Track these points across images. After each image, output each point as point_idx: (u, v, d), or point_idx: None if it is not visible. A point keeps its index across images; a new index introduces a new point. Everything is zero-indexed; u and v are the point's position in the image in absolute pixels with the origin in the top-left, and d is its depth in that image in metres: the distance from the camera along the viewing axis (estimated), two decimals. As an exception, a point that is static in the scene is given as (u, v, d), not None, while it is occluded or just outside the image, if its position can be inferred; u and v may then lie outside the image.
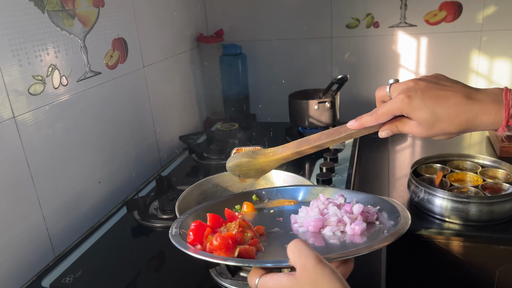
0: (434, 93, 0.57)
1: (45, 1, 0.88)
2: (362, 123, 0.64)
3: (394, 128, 0.62)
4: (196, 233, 0.61)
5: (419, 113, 0.58)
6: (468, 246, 0.95)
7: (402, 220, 0.63)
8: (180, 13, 1.47)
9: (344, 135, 0.66)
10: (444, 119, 0.57)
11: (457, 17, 1.41)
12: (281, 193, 0.79)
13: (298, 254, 0.48)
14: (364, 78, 1.57)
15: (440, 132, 0.59)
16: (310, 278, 0.47)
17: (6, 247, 0.81)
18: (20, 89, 0.83)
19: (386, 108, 0.60)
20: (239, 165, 0.75)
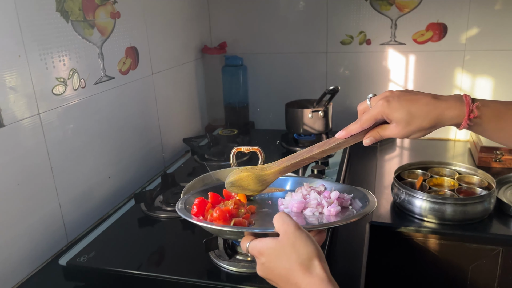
0: (408, 97, 0.68)
1: (69, 12, 0.99)
2: (349, 132, 0.73)
3: (376, 134, 0.72)
4: (199, 207, 0.75)
5: (396, 114, 0.67)
6: (444, 244, 1.04)
7: (370, 204, 0.76)
8: (187, 26, 1.58)
9: (334, 145, 0.74)
10: (418, 116, 0.67)
11: (442, 37, 1.53)
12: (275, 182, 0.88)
13: (282, 222, 0.61)
14: (357, 91, 1.68)
15: (415, 129, 0.68)
16: (290, 240, 0.59)
17: (27, 231, 0.90)
18: (45, 89, 0.93)
19: (369, 114, 0.70)
20: (239, 180, 0.80)
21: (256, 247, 0.63)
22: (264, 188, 0.82)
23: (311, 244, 0.59)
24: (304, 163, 0.78)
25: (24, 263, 0.89)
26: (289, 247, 0.59)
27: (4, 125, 0.83)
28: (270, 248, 0.61)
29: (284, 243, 0.60)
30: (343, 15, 1.60)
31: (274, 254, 0.60)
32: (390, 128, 0.70)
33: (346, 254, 0.94)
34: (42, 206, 0.94)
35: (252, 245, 0.64)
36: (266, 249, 0.61)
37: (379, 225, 1.06)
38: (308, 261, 0.58)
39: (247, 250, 0.65)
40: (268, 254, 0.61)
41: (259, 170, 0.80)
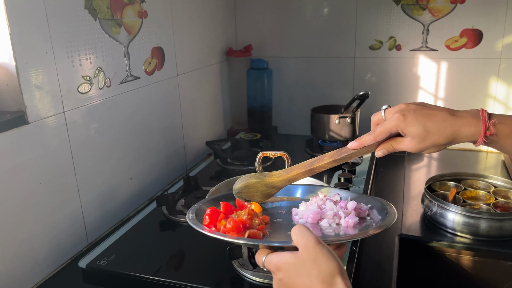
0: (424, 111, 0.66)
1: (97, 10, 0.98)
2: (361, 143, 0.70)
3: (389, 147, 0.69)
4: (211, 217, 0.71)
5: (412, 128, 0.65)
6: (477, 261, 0.99)
7: (390, 216, 0.72)
8: (213, 28, 1.57)
9: (345, 155, 0.72)
10: (434, 132, 0.65)
11: (477, 44, 1.47)
12: (284, 190, 0.85)
13: (301, 236, 0.57)
14: (384, 98, 1.63)
15: (431, 145, 0.66)
16: (310, 255, 0.56)
17: (48, 230, 0.88)
18: (71, 87, 0.92)
19: (383, 127, 0.68)
20: (247, 186, 0.77)
21: (273, 262, 0.59)
22: (272, 195, 0.79)
23: (333, 259, 0.55)
24: (315, 172, 0.75)
25: (45, 263, 0.88)
26: (309, 263, 0.55)
27: (29, 123, 0.82)
28: (288, 263, 0.57)
29: (304, 258, 0.56)
30: (373, 20, 1.56)
31: (293, 270, 0.56)
32: (404, 142, 0.68)
33: (374, 267, 0.89)
34: (63, 206, 0.92)
35: (269, 260, 0.60)
36: (284, 264, 0.58)
37: (409, 238, 1.01)
38: (330, 278, 0.54)
39: (263, 264, 0.61)
40: (287, 269, 0.57)
41: (267, 177, 0.77)
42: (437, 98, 1.57)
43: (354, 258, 0.84)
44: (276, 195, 0.83)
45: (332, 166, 0.74)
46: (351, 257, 0.84)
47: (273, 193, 0.79)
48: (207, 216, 0.72)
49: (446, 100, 1.56)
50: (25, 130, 0.81)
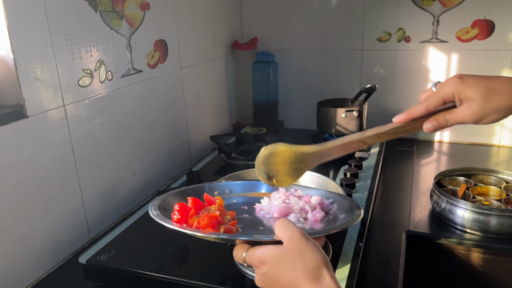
0: (484, 76, 0.59)
1: (98, 2, 0.96)
2: (410, 114, 0.62)
3: (441, 119, 0.61)
4: (182, 213, 0.68)
5: (472, 90, 0.57)
6: (488, 258, 0.96)
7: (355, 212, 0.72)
8: (218, 20, 1.54)
9: (389, 129, 0.64)
10: (499, 91, 0.57)
11: (489, 35, 1.42)
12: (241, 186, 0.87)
13: (286, 229, 0.56)
14: (393, 91, 1.60)
15: (494, 107, 0.58)
16: (296, 248, 0.54)
17: (48, 225, 0.87)
18: (71, 80, 0.90)
19: (437, 94, 0.60)
20: (273, 154, 0.68)
21: (255, 256, 0.57)
22: (301, 174, 0.70)
23: (319, 252, 0.54)
24: (353, 148, 0.67)
25: (45, 259, 0.87)
26: (295, 255, 0.54)
27: (28, 116, 0.81)
28: (272, 256, 0.55)
29: (290, 250, 0.54)
30: (381, 11, 1.52)
31: (278, 263, 0.55)
32: (461, 110, 0.59)
33: (381, 264, 0.87)
34: (64, 201, 0.91)
35: (251, 254, 0.58)
36: (268, 257, 0.56)
37: (416, 235, 0.99)
38: (317, 269, 0.53)
39: (243, 260, 0.59)
40: (271, 262, 0.56)
41: (298, 148, 0.68)
42: (447, 91, 1.53)
43: (359, 255, 0.82)
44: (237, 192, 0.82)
45: (374, 143, 0.67)
46: (356, 253, 0.82)
47: (303, 171, 0.70)
48: (177, 212, 0.69)
49: (456, 93, 1.52)
50: (24, 124, 0.80)
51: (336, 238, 0.87)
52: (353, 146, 0.67)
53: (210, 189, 0.86)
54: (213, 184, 0.88)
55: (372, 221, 1.03)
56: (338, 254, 0.82)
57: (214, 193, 0.86)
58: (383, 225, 1.02)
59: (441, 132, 1.58)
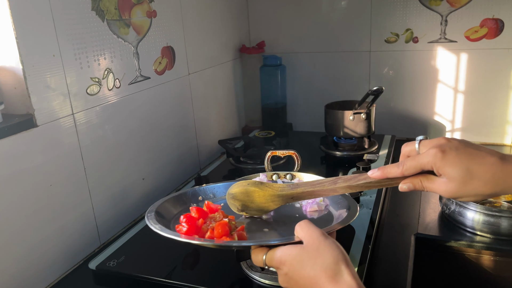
0: (469, 151, 0.56)
1: (105, 11, 0.98)
2: (385, 173, 0.60)
3: (418, 184, 0.59)
4: (190, 224, 0.68)
5: (452, 169, 0.55)
6: (498, 261, 0.94)
7: (351, 202, 0.75)
8: (225, 25, 1.55)
9: (363, 183, 0.62)
10: (479, 177, 0.54)
11: (498, 34, 1.41)
12: (223, 188, 0.87)
13: (306, 229, 0.58)
14: (402, 93, 1.59)
15: (472, 192, 0.55)
16: (314, 245, 0.56)
17: (60, 232, 0.89)
18: (79, 89, 0.92)
19: (416, 161, 0.57)
20: (244, 193, 0.72)
21: (275, 257, 0.58)
22: (268, 212, 0.74)
23: (336, 248, 0.55)
24: (323, 195, 0.68)
25: (57, 264, 0.89)
26: (313, 252, 0.55)
27: (38, 125, 0.82)
28: (292, 255, 0.57)
29: (309, 248, 0.56)
30: (388, 12, 1.51)
31: (297, 261, 0.56)
32: (438, 183, 0.57)
33: (389, 267, 0.87)
34: (74, 207, 0.93)
35: (271, 256, 0.59)
36: (288, 256, 0.57)
37: (425, 238, 0.98)
38: (335, 265, 0.53)
39: (264, 263, 0.60)
40: (291, 262, 0.57)
41: (268, 188, 0.70)
42: (457, 91, 1.52)
43: (366, 258, 0.82)
44: (220, 195, 0.84)
45: (345, 193, 0.67)
46: (364, 256, 0.82)
47: (271, 209, 0.72)
48: (185, 224, 0.70)
49: (467, 93, 1.51)
50: (34, 133, 0.82)
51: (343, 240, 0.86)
52: (324, 193, 0.67)
53: (193, 195, 0.87)
54: (195, 189, 0.89)
55: (381, 223, 1.02)
56: (345, 258, 0.82)
57: (199, 198, 0.87)
58: (392, 228, 1.01)
59: (452, 132, 1.57)
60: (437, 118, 1.57)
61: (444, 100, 1.54)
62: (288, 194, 0.69)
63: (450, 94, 1.53)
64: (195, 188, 0.90)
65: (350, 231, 0.91)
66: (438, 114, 1.57)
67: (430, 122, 1.58)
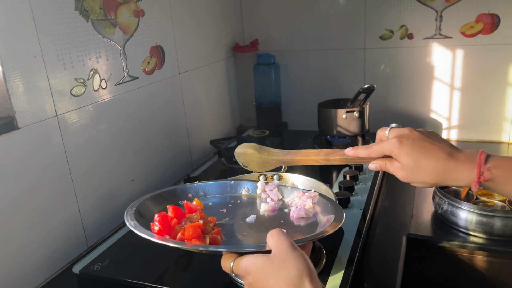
0: (423, 144, 0.64)
1: (89, 11, 0.96)
2: (356, 153, 0.70)
3: (383, 165, 0.68)
4: (163, 224, 0.66)
5: (404, 158, 0.64)
6: (492, 261, 0.92)
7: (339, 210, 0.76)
8: (217, 23, 1.53)
9: (339, 158, 0.72)
10: (424, 168, 0.63)
11: (494, 29, 1.38)
12: (215, 187, 0.90)
13: (277, 238, 0.57)
14: (397, 90, 1.56)
15: (418, 180, 0.64)
16: (281, 256, 0.54)
17: (45, 235, 0.88)
18: (63, 90, 0.91)
19: (379, 147, 0.67)
20: (244, 154, 0.83)
21: (242, 266, 0.57)
22: (267, 170, 0.83)
23: (303, 261, 0.54)
24: (307, 163, 0.77)
25: (41, 268, 0.87)
26: (279, 263, 0.54)
27: (19, 128, 0.81)
28: (257, 265, 0.55)
29: (275, 259, 0.55)
30: (383, 8, 1.49)
31: (262, 272, 0.55)
32: (396, 167, 0.66)
33: (380, 268, 0.85)
34: (60, 210, 0.91)
35: (237, 264, 0.58)
36: (253, 266, 0.56)
37: (418, 238, 0.96)
38: (298, 279, 0.52)
39: (231, 270, 0.59)
40: (255, 271, 0.55)
41: (265, 152, 0.82)
42: (453, 88, 1.50)
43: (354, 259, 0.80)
44: (212, 194, 0.89)
45: (325, 164, 0.75)
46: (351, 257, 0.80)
47: (268, 169, 0.83)
48: (158, 223, 0.67)
49: (463, 90, 1.48)
50: (15, 136, 0.80)
51: (332, 240, 0.85)
52: (307, 162, 0.76)
53: (183, 192, 0.86)
54: (186, 186, 0.88)
55: (373, 224, 1.00)
56: (333, 258, 0.80)
57: (188, 195, 0.86)
58: (384, 228, 1.00)
59: (448, 130, 1.55)
60: (433, 116, 1.55)
61: (440, 97, 1.52)
62: (279, 158, 0.80)
63: (446, 91, 1.51)
64: (187, 184, 0.89)
65: (339, 232, 0.89)
66: (435, 112, 1.55)
67: (426, 120, 1.56)
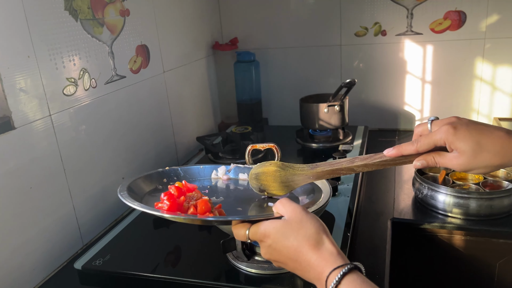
0: (478, 126, 0.60)
1: (78, 11, 0.97)
2: (401, 151, 0.64)
3: (431, 160, 0.63)
4: (172, 202, 0.71)
5: (463, 143, 0.59)
6: (470, 240, 1.00)
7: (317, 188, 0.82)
8: (197, 22, 1.56)
9: (379, 161, 0.66)
10: (489, 149, 0.59)
11: (461, 25, 1.47)
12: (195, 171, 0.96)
13: (288, 204, 0.62)
14: (372, 84, 1.64)
15: (482, 164, 0.60)
16: (297, 217, 0.60)
17: (42, 234, 0.88)
18: (55, 90, 0.91)
19: (429, 138, 0.62)
20: (265, 174, 0.75)
21: (259, 231, 0.62)
22: (290, 190, 0.77)
23: (317, 221, 0.60)
24: (341, 174, 0.71)
25: (40, 267, 0.88)
26: (296, 224, 0.59)
27: (15, 128, 0.82)
28: (276, 228, 0.60)
29: (292, 220, 0.60)
30: (357, 6, 1.56)
31: (281, 233, 0.60)
32: (450, 157, 0.61)
33: (369, 252, 0.90)
34: (56, 209, 0.92)
35: (254, 230, 0.63)
36: (272, 229, 0.61)
37: (401, 222, 1.02)
38: (316, 234, 0.58)
39: (247, 237, 0.64)
40: (275, 234, 0.60)
41: (289, 169, 0.73)
42: (425, 82, 1.58)
43: (347, 244, 0.85)
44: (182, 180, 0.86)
45: (363, 171, 0.71)
46: (344, 243, 0.85)
47: (292, 188, 0.76)
48: (166, 200, 0.72)
49: (433, 83, 1.57)
50: (11, 136, 0.81)
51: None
52: (342, 172, 0.71)
53: (160, 175, 0.92)
54: (172, 168, 0.94)
55: (359, 210, 1.06)
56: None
57: (163, 180, 0.91)
58: (369, 214, 1.05)
59: (421, 121, 1.63)
60: (407, 108, 1.63)
61: (413, 91, 1.60)
62: (307, 174, 0.73)
63: (418, 84, 1.59)
64: (170, 168, 0.95)
65: (330, 219, 0.94)
66: (408, 104, 1.63)
67: (400, 112, 1.64)
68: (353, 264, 0.55)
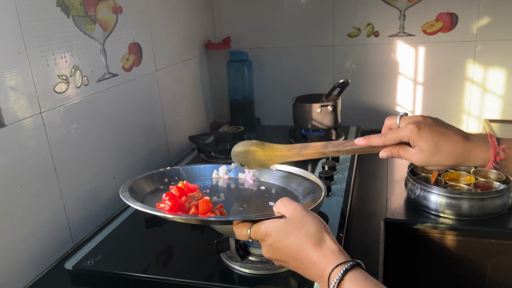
0: (440, 129, 0.67)
1: (70, 7, 0.96)
2: (369, 142, 0.71)
3: (395, 152, 0.70)
4: (173, 202, 0.71)
5: (424, 143, 0.66)
6: (461, 240, 1.01)
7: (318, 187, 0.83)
8: (190, 21, 1.55)
9: (349, 149, 0.73)
10: (445, 151, 0.66)
11: (453, 27, 1.49)
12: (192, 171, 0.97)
13: (289, 204, 0.63)
14: (365, 85, 1.64)
15: (437, 163, 0.67)
16: (298, 216, 0.61)
17: (32, 233, 0.87)
18: (46, 87, 0.90)
19: (396, 133, 0.69)
20: (246, 152, 0.81)
21: (261, 230, 0.63)
22: (266, 167, 0.84)
23: (318, 219, 0.61)
24: (314, 157, 0.76)
25: (30, 267, 0.87)
26: (298, 222, 0.60)
27: (5, 125, 0.80)
28: (277, 227, 0.61)
29: (293, 219, 0.61)
30: (350, 7, 1.56)
31: (283, 232, 0.61)
32: (411, 153, 0.68)
33: (362, 252, 0.91)
34: (46, 208, 0.91)
35: (256, 229, 0.63)
36: (273, 229, 0.61)
37: (394, 222, 1.03)
38: (318, 232, 0.59)
39: (248, 236, 0.64)
40: (276, 233, 0.61)
41: (268, 149, 0.80)
42: (417, 83, 1.59)
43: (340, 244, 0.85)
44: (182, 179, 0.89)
45: (334, 156, 0.76)
46: (338, 243, 0.85)
47: (269, 165, 0.83)
48: (168, 201, 0.72)
49: (425, 85, 1.58)
50: (1, 133, 0.79)
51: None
52: (315, 155, 0.76)
53: (162, 175, 0.92)
54: (172, 169, 0.95)
55: (352, 211, 1.06)
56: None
57: (165, 180, 0.91)
58: (362, 215, 1.06)
59: (412, 122, 1.64)
60: (398, 109, 1.64)
61: (405, 92, 1.61)
62: (284, 154, 0.78)
63: (410, 85, 1.60)
64: (171, 168, 0.95)
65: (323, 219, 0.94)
66: (399, 105, 1.64)
67: (392, 113, 1.65)
68: (355, 261, 0.56)
